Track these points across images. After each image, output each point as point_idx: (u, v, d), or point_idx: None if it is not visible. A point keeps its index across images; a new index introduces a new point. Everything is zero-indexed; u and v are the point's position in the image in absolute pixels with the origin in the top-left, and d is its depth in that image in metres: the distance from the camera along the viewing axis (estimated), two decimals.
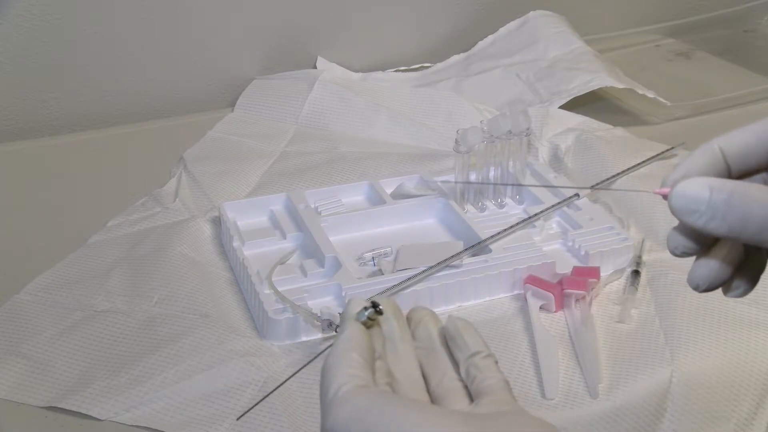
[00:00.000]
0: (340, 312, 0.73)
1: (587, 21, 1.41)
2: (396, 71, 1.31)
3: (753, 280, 0.43)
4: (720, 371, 0.71)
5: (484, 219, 0.89)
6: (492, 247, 0.82)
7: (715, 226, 0.39)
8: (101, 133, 1.14)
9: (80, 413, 0.67)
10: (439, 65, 1.32)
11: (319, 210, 0.89)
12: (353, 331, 0.43)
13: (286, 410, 0.67)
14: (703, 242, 0.42)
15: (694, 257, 0.43)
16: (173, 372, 0.70)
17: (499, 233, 0.84)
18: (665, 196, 0.41)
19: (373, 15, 1.28)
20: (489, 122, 0.88)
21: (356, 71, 1.28)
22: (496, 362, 0.46)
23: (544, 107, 1.13)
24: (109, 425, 0.67)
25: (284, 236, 0.85)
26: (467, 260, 0.80)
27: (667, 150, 1.01)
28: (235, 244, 0.83)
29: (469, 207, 0.91)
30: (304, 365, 0.70)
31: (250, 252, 0.83)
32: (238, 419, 0.66)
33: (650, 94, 1.17)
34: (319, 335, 0.75)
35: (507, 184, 0.91)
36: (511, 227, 0.85)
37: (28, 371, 0.71)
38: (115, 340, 0.74)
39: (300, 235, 0.85)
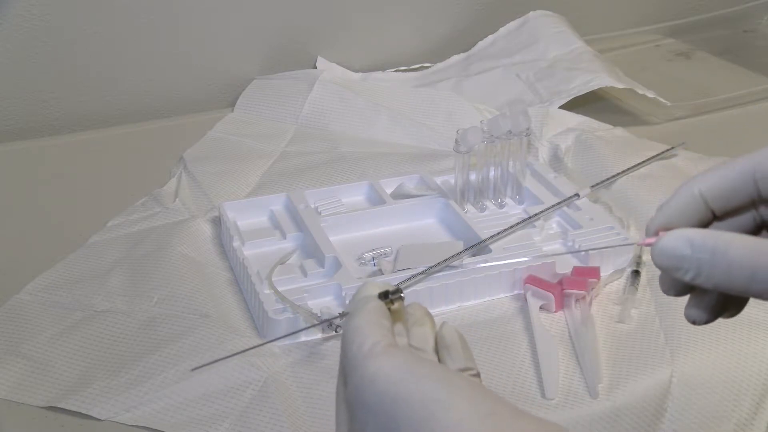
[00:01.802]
0: (341, 312, 0.73)
1: (587, 21, 1.41)
2: (396, 71, 1.31)
3: (742, 305, 0.43)
4: (720, 371, 0.71)
5: (484, 219, 0.89)
6: (492, 247, 0.82)
7: (701, 282, 0.38)
8: (101, 133, 1.14)
9: (80, 413, 0.67)
10: (439, 65, 1.32)
11: (319, 210, 0.89)
12: (379, 305, 0.42)
13: (286, 410, 0.67)
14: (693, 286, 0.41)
15: None
16: (173, 372, 0.70)
17: (499, 233, 0.84)
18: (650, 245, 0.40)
19: (373, 15, 1.28)
20: (489, 122, 0.88)
21: (356, 71, 1.28)
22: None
23: (544, 107, 1.13)
24: (109, 425, 0.67)
25: (284, 236, 0.85)
26: (467, 260, 0.80)
27: (667, 150, 1.01)
28: (235, 244, 0.83)
29: (469, 207, 0.91)
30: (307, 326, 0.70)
31: (250, 252, 0.83)
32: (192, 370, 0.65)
33: (650, 94, 1.17)
34: (319, 335, 0.75)
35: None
36: (511, 227, 0.85)
37: (28, 371, 0.71)
38: (115, 340, 0.74)
39: (300, 235, 0.85)
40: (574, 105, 1.14)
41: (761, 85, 1.25)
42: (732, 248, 0.37)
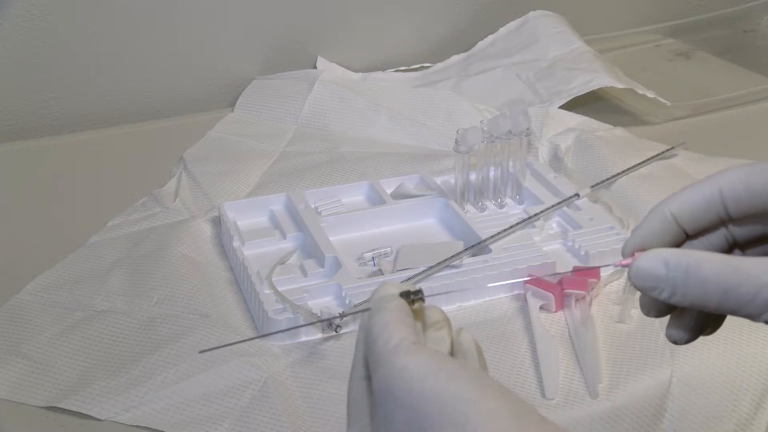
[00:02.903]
0: (341, 312, 0.73)
1: (587, 21, 1.41)
2: (396, 71, 1.31)
3: (720, 322, 0.44)
4: (720, 371, 0.71)
5: (484, 219, 0.89)
6: (492, 247, 0.82)
7: (677, 301, 0.39)
8: (101, 133, 1.14)
9: (80, 413, 0.67)
10: (439, 65, 1.32)
11: (319, 210, 0.89)
12: (403, 304, 0.42)
13: (286, 410, 0.67)
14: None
15: None
16: (173, 372, 0.70)
17: (499, 233, 0.84)
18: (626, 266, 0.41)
19: (373, 15, 1.28)
20: (489, 122, 0.88)
21: (356, 71, 1.28)
22: None
23: (544, 107, 1.13)
24: (109, 425, 0.67)
25: (284, 236, 0.85)
26: (467, 260, 0.80)
27: (667, 150, 1.01)
28: (235, 244, 0.83)
29: (469, 207, 0.91)
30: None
31: (250, 252, 0.83)
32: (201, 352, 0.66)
33: (650, 94, 1.17)
34: (319, 335, 0.75)
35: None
36: (511, 227, 0.85)
37: (28, 371, 0.71)
38: (115, 340, 0.74)
39: (300, 235, 0.85)
40: (574, 105, 1.14)
41: (761, 85, 1.25)
42: (704, 266, 0.38)
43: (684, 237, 0.42)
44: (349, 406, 0.42)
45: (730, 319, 0.77)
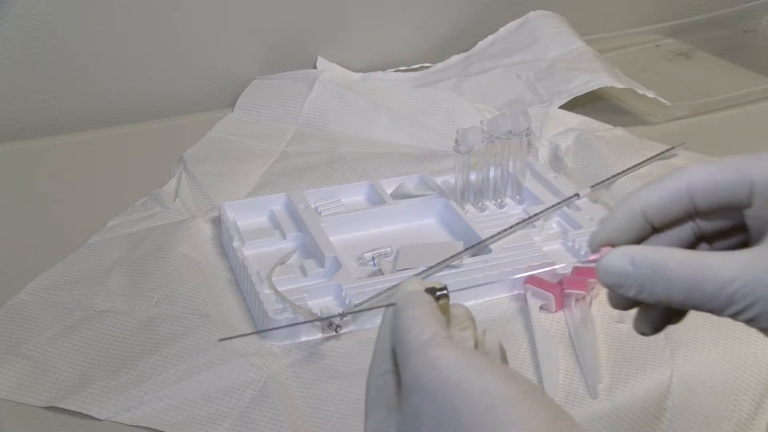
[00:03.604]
0: (341, 312, 0.73)
1: (587, 21, 1.41)
2: (396, 71, 1.31)
3: (685, 313, 0.44)
4: (720, 371, 0.71)
5: (484, 219, 0.89)
6: (492, 247, 0.82)
7: (644, 297, 0.39)
8: (101, 133, 1.14)
9: (80, 413, 0.67)
10: (439, 65, 1.32)
11: (319, 210, 0.89)
12: (431, 300, 0.42)
13: (286, 410, 0.67)
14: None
15: None
16: (173, 372, 0.70)
17: (499, 233, 0.84)
18: (593, 262, 0.41)
19: (373, 15, 1.28)
20: (489, 122, 0.88)
21: (356, 71, 1.28)
22: None
23: (544, 107, 1.13)
24: (109, 425, 0.67)
25: (284, 236, 0.85)
26: (467, 260, 0.80)
27: (667, 150, 1.01)
28: (235, 244, 0.83)
29: (469, 207, 0.91)
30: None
31: (250, 252, 0.83)
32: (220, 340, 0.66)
33: (650, 94, 1.17)
34: (319, 335, 0.75)
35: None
36: (511, 227, 0.85)
37: (28, 371, 0.71)
38: (115, 340, 0.74)
39: (300, 235, 0.85)
40: (574, 105, 1.14)
41: (761, 85, 1.25)
42: (670, 264, 0.38)
43: (651, 231, 0.42)
44: (368, 399, 0.42)
45: (730, 320, 0.77)
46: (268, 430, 0.65)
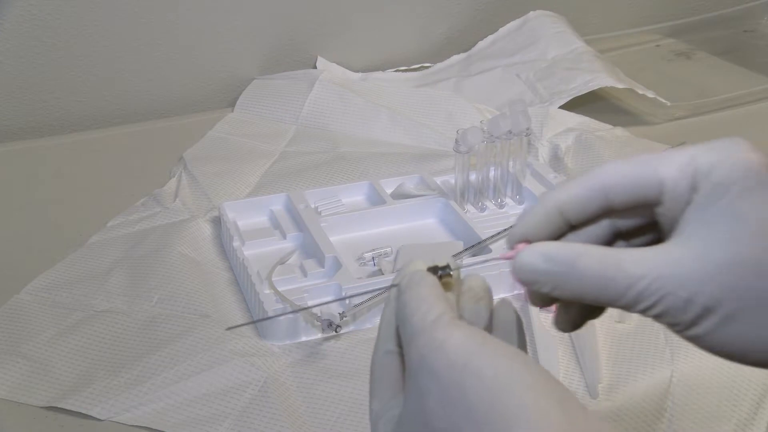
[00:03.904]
0: (341, 312, 0.73)
1: (587, 21, 1.41)
2: (396, 71, 1.31)
3: (604, 308, 0.44)
4: (720, 371, 0.71)
5: (484, 219, 0.89)
6: (492, 247, 0.82)
7: (558, 294, 0.40)
8: (101, 133, 1.14)
9: (80, 413, 0.67)
10: (439, 65, 1.32)
11: (319, 210, 0.89)
12: (436, 280, 0.42)
13: (286, 410, 0.67)
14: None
15: None
16: (173, 372, 0.70)
17: (499, 233, 0.84)
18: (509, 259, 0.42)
19: (373, 15, 1.28)
20: (489, 122, 0.88)
21: (356, 71, 1.28)
22: None
23: (544, 107, 1.13)
24: (109, 425, 0.67)
25: (284, 236, 0.85)
26: (467, 260, 0.80)
27: (667, 150, 1.01)
28: (235, 244, 0.83)
29: (469, 207, 0.91)
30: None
31: (250, 252, 0.83)
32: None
33: (650, 94, 1.17)
34: (319, 335, 0.75)
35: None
36: (511, 227, 0.85)
37: (28, 371, 0.71)
38: (115, 340, 0.74)
39: (300, 235, 0.85)
40: (574, 105, 1.14)
41: (761, 85, 1.25)
42: (582, 260, 0.39)
43: (568, 228, 0.42)
44: (373, 379, 0.42)
45: None
46: (268, 430, 0.65)
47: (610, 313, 0.78)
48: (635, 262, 0.38)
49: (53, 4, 1.08)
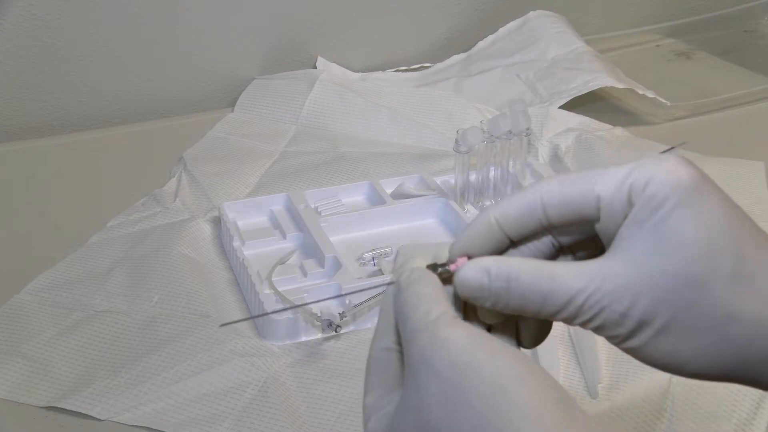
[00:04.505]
0: (341, 312, 0.73)
1: (587, 21, 1.41)
2: (396, 71, 1.31)
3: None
4: None
5: None
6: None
7: (501, 308, 0.40)
8: (101, 133, 1.14)
9: (80, 413, 0.67)
10: (439, 65, 1.32)
11: (319, 210, 0.89)
12: (435, 279, 0.42)
13: (286, 410, 0.67)
14: None
15: None
16: (173, 372, 0.70)
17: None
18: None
19: (373, 15, 1.28)
20: (489, 122, 0.88)
21: (356, 71, 1.28)
22: None
23: (544, 107, 1.13)
24: (109, 425, 0.67)
25: (284, 236, 0.85)
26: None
27: (667, 150, 1.01)
28: (235, 244, 0.83)
29: (469, 207, 0.91)
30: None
31: (250, 252, 0.83)
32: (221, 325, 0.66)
33: (650, 94, 1.17)
34: (319, 335, 0.75)
35: None
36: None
37: (28, 371, 0.71)
38: (115, 340, 0.74)
39: (300, 235, 0.85)
40: (574, 105, 1.14)
41: (761, 85, 1.25)
42: (522, 276, 0.39)
43: (508, 244, 0.42)
44: (368, 375, 0.42)
45: None
46: (268, 430, 0.65)
47: None
48: (573, 276, 0.39)
49: (53, 4, 1.08)
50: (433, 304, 0.39)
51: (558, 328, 0.76)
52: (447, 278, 0.42)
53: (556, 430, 0.34)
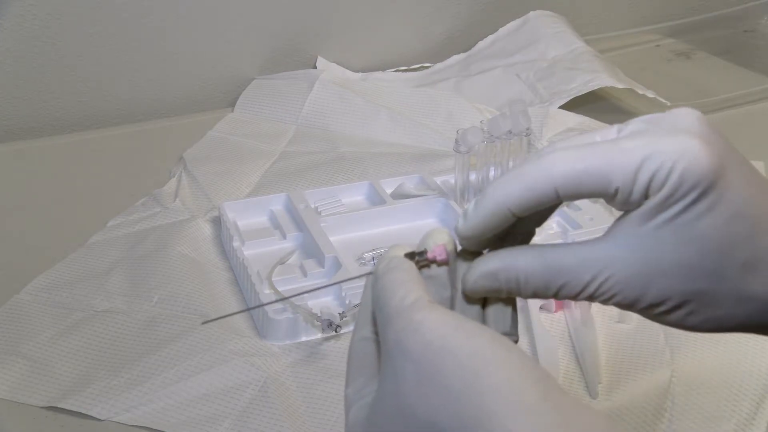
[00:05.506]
0: (340, 312, 0.73)
1: (587, 21, 1.41)
2: (396, 71, 1.31)
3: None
4: (720, 371, 0.71)
5: None
6: None
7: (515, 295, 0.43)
8: (101, 133, 1.14)
9: (80, 413, 0.67)
10: (439, 65, 1.32)
11: (319, 210, 0.89)
12: (412, 266, 0.42)
13: (286, 410, 0.67)
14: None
15: None
16: (173, 372, 0.70)
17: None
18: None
19: (373, 15, 1.28)
20: (489, 122, 0.88)
21: (356, 71, 1.28)
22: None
23: (544, 107, 1.13)
24: (109, 425, 0.67)
25: (284, 236, 0.85)
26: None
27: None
28: (235, 244, 0.83)
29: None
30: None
31: (250, 252, 0.83)
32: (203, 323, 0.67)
33: (650, 94, 1.17)
34: (319, 335, 0.75)
35: None
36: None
37: (28, 371, 0.71)
38: (115, 340, 0.74)
39: (300, 235, 0.85)
40: (574, 105, 1.14)
41: (761, 85, 1.25)
42: (530, 277, 0.41)
43: (514, 220, 0.42)
44: (350, 365, 0.42)
45: None
46: (268, 430, 0.65)
47: (610, 313, 0.79)
48: (584, 267, 0.40)
49: (53, 4, 1.08)
50: (409, 290, 0.39)
51: (558, 327, 0.76)
52: (424, 266, 0.43)
53: (536, 409, 0.34)
